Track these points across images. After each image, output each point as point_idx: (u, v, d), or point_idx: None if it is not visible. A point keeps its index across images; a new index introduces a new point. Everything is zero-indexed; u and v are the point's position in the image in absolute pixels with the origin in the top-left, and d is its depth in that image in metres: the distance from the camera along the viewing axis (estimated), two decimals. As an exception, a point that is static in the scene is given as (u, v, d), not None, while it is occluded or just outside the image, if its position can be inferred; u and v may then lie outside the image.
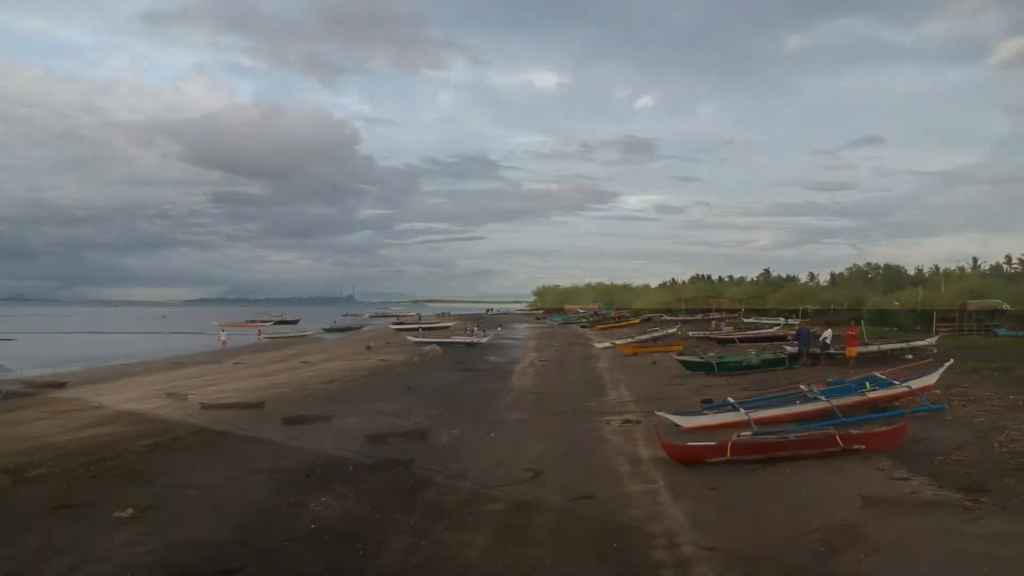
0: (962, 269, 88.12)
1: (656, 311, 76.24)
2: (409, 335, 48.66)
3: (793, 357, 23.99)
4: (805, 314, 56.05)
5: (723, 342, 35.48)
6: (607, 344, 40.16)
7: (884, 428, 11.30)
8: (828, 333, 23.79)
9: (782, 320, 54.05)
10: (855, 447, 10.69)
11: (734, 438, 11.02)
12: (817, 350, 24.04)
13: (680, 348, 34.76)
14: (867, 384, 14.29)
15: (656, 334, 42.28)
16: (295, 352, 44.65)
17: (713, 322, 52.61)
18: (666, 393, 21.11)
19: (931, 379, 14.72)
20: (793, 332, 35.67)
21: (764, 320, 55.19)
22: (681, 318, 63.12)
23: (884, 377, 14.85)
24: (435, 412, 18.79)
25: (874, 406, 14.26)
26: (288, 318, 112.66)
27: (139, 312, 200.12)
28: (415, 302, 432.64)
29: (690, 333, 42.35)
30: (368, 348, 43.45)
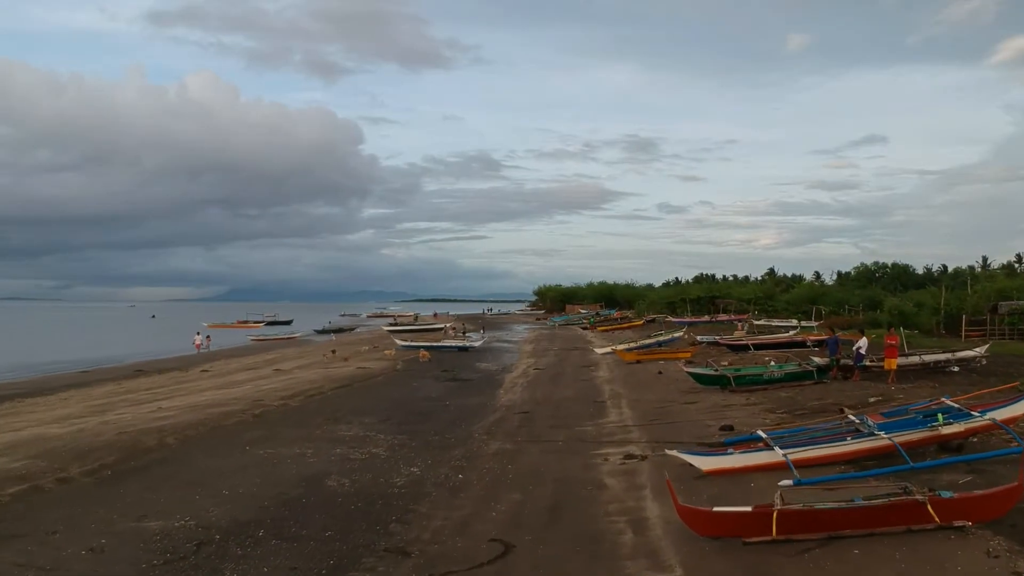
0: (971, 269, 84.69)
1: (660, 312, 72.83)
2: (397, 338, 45.55)
3: (822, 370, 20.78)
4: (819, 315, 52.66)
5: (735, 348, 32.25)
6: (608, 349, 36.95)
7: (992, 489, 8.07)
8: (863, 342, 20.56)
9: (795, 322, 50.74)
10: (957, 524, 7.51)
11: (778, 505, 7.84)
12: (850, 361, 20.83)
13: (688, 355, 31.57)
14: (939, 415, 11.10)
15: (661, 338, 39.02)
16: (273, 357, 41.57)
17: (739, 324, 48.82)
18: (676, 413, 17.95)
19: (1020, 408, 11.52)
20: (813, 338, 32.48)
21: (776, 323, 51.79)
22: (687, 319, 59.75)
23: (959, 405, 11.65)
24: (400, 439, 15.68)
25: (945, 444, 11.09)
26: (281, 318, 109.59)
27: (136, 311, 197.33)
28: (418, 301, 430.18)
29: (698, 338, 39.06)
30: (332, 353, 40.32)
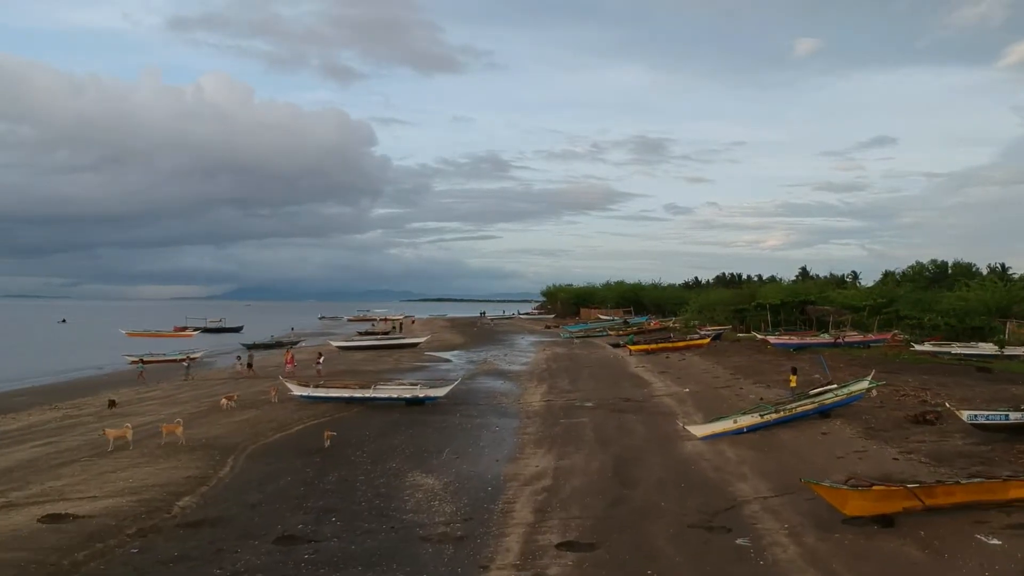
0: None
1: (724, 323, 51.40)
2: (292, 385, 24.37)
3: None
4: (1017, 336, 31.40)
5: None
6: (720, 429, 16.02)
7: None
8: None
9: (995, 348, 29.74)
10: None
11: None
12: None
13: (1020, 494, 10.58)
14: None
15: (837, 394, 18.08)
16: (90, 411, 20.85)
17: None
18: None
19: None
20: None
21: (957, 348, 30.63)
22: (791, 339, 38.22)
23: None
24: None
25: None
26: (228, 324, 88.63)
27: (141, 307, 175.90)
28: (423, 301, 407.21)
29: (971, 415, 16.49)
30: (178, 428, 13.86)
